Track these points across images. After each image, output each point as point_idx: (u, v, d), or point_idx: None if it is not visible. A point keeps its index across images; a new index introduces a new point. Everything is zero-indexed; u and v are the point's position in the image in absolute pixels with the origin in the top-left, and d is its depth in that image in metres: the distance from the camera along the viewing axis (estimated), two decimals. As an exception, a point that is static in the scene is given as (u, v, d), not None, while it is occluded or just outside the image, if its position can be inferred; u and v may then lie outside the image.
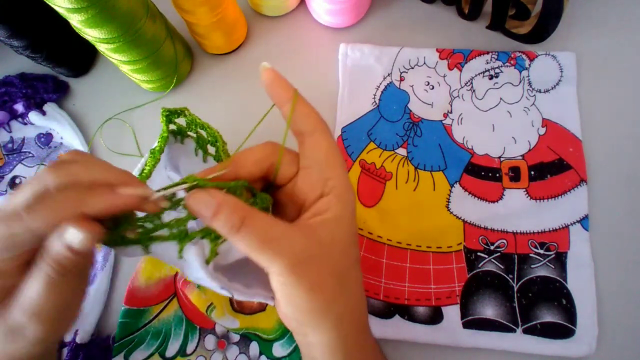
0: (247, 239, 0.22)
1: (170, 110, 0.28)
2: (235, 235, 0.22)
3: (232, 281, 0.25)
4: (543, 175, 0.39)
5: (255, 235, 0.22)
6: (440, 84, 0.43)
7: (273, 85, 0.26)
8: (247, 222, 0.22)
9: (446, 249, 0.38)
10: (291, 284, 0.22)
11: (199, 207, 0.22)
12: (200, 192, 0.22)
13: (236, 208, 0.22)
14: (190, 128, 0.29)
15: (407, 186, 0.40)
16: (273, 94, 0.26)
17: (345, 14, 0.44)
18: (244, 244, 0.22)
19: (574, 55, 0.42)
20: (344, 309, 0.24)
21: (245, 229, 0.22)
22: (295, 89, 0.26)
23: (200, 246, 0.23)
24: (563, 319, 0.35)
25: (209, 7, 0.39)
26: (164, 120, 0.28)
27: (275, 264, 0.22)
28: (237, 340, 0.38)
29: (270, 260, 0.22)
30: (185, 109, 0.28)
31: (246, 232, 0.22)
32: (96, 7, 0.32)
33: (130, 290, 0.38)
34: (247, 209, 0.22)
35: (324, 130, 0.25)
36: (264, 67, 0.26)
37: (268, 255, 0.22)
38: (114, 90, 0.47)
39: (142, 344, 0.37)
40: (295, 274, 0.22)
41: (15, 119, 0.46)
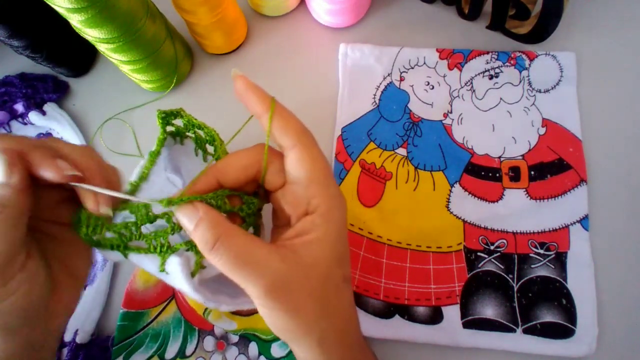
0: (221, 258, 0.21)
1: (165, 112, 0.27)
2: (208, 252, 0.21)
3: (216, 294, 0.24)
4: (543, 175, 0.39)
5: (229, 255, 0.21)
6: (440, 84, 0.43)
7: (247, 95, 0.24)
8: (223, 241, 0.21)
9: (446, 249, 0.38)
10: (267, 306, 0.22)
11: (182, 219, 0.22)
12: (186, 204, 0.22)
13: (214, 224, 0.21)
14: (188, 128, 0.29)
15: (407, 186, 0.40)
16: (248, 105, 0.24)
17: (345, 14, 0.44)
18: (217, 263, 0.21)
19: (574, 55, 0.42)
20: (327, 330, 0.23)
21: (220, 248, 0.21)
22: (272, 97, 0.24)
23: (185, 258, 0.22)
24: (563, 319, 0.35)
25: (209, 7, 0.39)
26: (160, 122, 0.28)
27: (250, 287, 0.21)
28: (236, 341, 0.38)
29: (245, 282, 0.21)
30: (181, 109, 0.28)
31: (220, 251, 0.21)
32: (96, 7, 0.32)
33: (129, 293, 0.38)
34: (225, 227, 0.22)
35: (305, 144, 0.24)
36: (234, 73, 0.24)
37: (242, 277, 0.21)
38: (114, 90, 0.47)
39: (141, 347, 0.37)
40: (271, 298, 0.21)
41: (15, 119, 0.46)
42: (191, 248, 0.23)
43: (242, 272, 0.21)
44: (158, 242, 0.23)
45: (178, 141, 0.31)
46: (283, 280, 0.22)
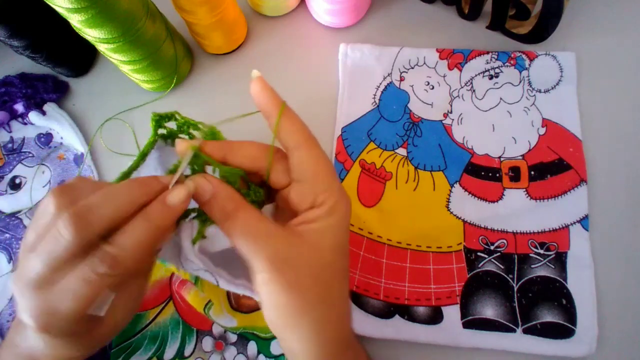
0: (235, 228, 0.23)
1: (160, 115, 0.28)
2: (224, 222, 0.23)
3: (217, 266, 0.26)
4: (543, 175, 0.39)
5: (242, 226, 0.23)
6: (440, 84, 0.43)
7: (261, 95, 0.25)
8: (238, 213, 0.23)
9: (446, 249, 0.38)
10: (271, 280, 0.22)
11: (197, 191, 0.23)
12: (199, 177, 0.23)
13: (230, 197, 0.23)
14: (182, 130, 0.29)
15: (407, 186, 0.40)
16: (260, 104, 0.25)
17: (345, 14, 0.44)
18: (231, 232, 0.23)
19: (574, 55, 0.42)
20: (323, 316, 0.24)
21: (235, 219, 0.23)
22: (283, 101, 0.25)
23: (189, 224, 0.24)
24: (563, 319, 0.35)
25: (209, 7, 0.39)
26: (153, 125, 0.28)
27: (257, 258, 0.22)
28: (234, 340, 0.38)
29: (253, 252, 0.22)
30: (176, 112, 0.28)
31: (235, 222, 0.23)
32: (96, 7, 0.32)
33: None
34: (239, 200, 0.23)
35: (310, 145, 0.25)
36: (254, 74, 0.26)
37: (251, 247, 0.22)
38: (114, 90, 0.47)
39: (140, 349, 0.37)
40: (276, 270, 0.22)
41: (15, 119, 0.46)
42: (198, 216, 0.24)
43: (252, 243, 0.23)
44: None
45: (169, 143, 0.31)
46: (287, 256, 0.23)
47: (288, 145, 0.25)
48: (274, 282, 0.22)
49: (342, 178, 0.41)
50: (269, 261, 0.22)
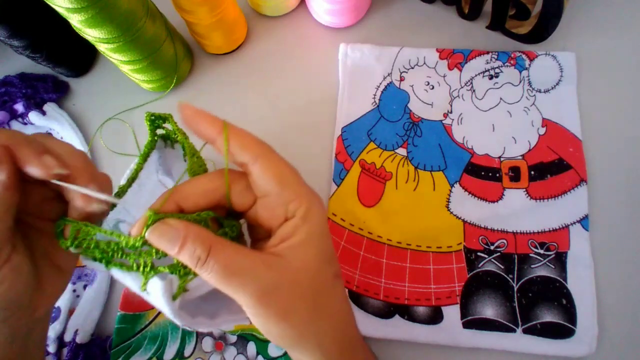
0: (212, 271, 0.21)
1: (154, 115, 0.27)
2: (201, 268, 0.21)
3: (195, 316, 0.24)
4: (543, 175, 0.39)
5: (220, 267, 0.21)
6: (440, 84, 0.43)
7: (195, 121, 0.23)
8: (213, 254, 0.21)
9: (446, 248, 0.38)
10: (260, 315, 0.22)
11: (162, 243, 0.21)
12: (161, 225, 0.21)
13: (201, 239, 0.21)
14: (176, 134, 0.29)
15: (407, 186, 0.40)
16: (197, 132, 0.23)
17: (345, 14, 0.44)
18: (210, 277, 0.21)
19: (574, 55, 0.42)
20: (324, 330, 0.24)
21: (211, 261, 0.21)
22: (223, 120, 0.23)
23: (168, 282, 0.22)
24: (563, 319, 0.35)
25: (209, 7, 0.39)
26: (148, 125, 0.27)
27: (242, 296, 0.21)
28: (234, 341, 0.38)
29: (237, 292, 0.21)
30: (170, 115, 0.27)
31: (211, 265, 0.21)
32: (96, 7, 0.32)
33: (125, 296, 0.38)
34: (212, 239, 0.21)
35: (267, 155, 0.23)
36: (179, 104, 0.23)
37: (234, 287, 0.21)
38: (114, 90, 0.47)
39: (140, 349, 0.37)
40: (263, 305, 0.21)
41: (15, 119, 0.46)
42: (175, 271, 0.22)
43: (232, 282, 0.21)
44: (142, 262, 0.22)
45: (169, 145, 0.31)
46: (272, 286, 0.22)
47: (244, 161, 0.23)
48: (264, 316, 0.22)
49: (342, 178, 0.41)
50: (254, 297, 0.21)
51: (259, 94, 0.46)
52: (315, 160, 0.43)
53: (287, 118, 0.44)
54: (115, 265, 0.23)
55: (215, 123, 0.23)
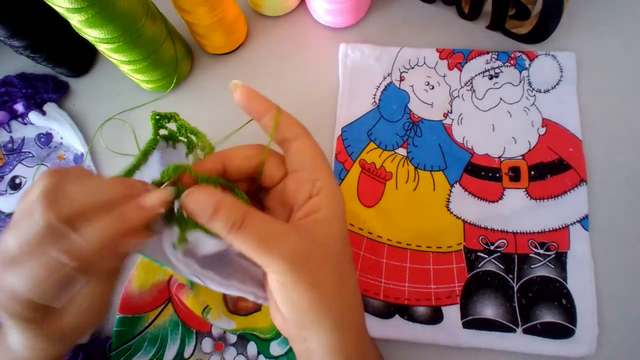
0: (247, 238, 0.22)
1: (160, 114, 0.28)
2: (235, 233, 0.22)
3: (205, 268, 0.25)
4: (543, 175, 0.39)
5: (254, 234, 0.22)
6: (440, 84, 0.43)
7: (249, 100, 0.25)
8: (247, 221, 0.22)
9: (446, 248, 0.38)
10: (291, 282, 0.22)
11: (197, 208, 0.22)
12: (197, 192, 0.22)
13: (236, 207, 0.22)
14: (181, 133, 0.29)
15: (407, 186, 0.40)
16: (250, 108, 0.25)
17: (345, 14, 0.44)
18: (243, 243, 0.22)
19: (574, 55, 0.42)
20: (344, 308, 0.24)
21: (245, 228, 0.22)
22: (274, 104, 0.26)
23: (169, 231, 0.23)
24: (563, 319, 0.35)
25: (209, 7, 0.39)
26: (153, 124, 0.28)
27: (274, 263, 0.22)
28: (234, 341, 0.38)
29: (269, 259, 0.22)
30: (175, 114, 0.28)
31: (246, 231, 0.22)
32: (96, 7, 0.32)
33: (124, 298, 0.38)
34: (246, 207, 0.22)
35: (307, 136, 0.26)
36: (235, 84, 0.25)
37: (266, 254, 0.22)
38: (114, 90, 0.47)
39: (140, 351, 0.37)
40: (295, 272, 0.22)
41: (15, 119, 0.46)
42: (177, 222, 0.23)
43: (266, 250, 0.22)
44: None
45: (170, 145, 0.31)
46: (304, 254, 0.22)
47: (286, 137, 0.25)
48: (294, 282, 0.22)
49: (342, 178, 0.41)
50: (288, 262, 0.22)
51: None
52: (315, 160, 0.42)
53: (287, 118, 0.44)
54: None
55: (265, 102, 0.25)
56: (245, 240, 0.22)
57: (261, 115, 0.25)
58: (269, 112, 0.25)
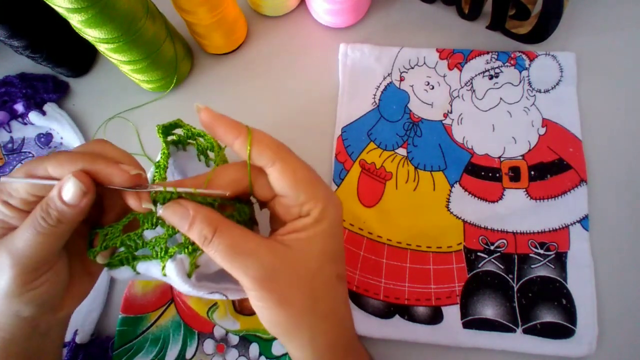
0: (216, 252, 0.22)
1: (165, 126, 0.28)
2: (207, 246, 0.22)
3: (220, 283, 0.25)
4: (543, 175, 0.39)
5: (225, 247, 0.22)
6: (440, 84, 0.43)
7: (215, 125, 0.24)
8: (219, 234, 0.22)
9: (446, 249, 0.38)
10: (258, 297, 0.23)
11: (174, 219, 0.22)
12: (174, 204, 0.23)
13: (208, 219, 0.22)
14: (189, 137, 0.30)
15: (407, 186, 0.40)
16: (216, 136, 0.24)
17: (345, 14, 0.44)
18: (214, 257, 0.22)
19: (574, 55, 0.42)
20: (318, 327, 0.24)
21: (216, 240, 0.22)
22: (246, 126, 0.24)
23: (179, 262, 0.23)
24: (563, 319, 0.35)
25: (209, 7, 0.39)
26: (161, 137, 0.28)
27: (243, 277, 0.22)
28: (236, 343, 0.38)
29: (238, 273, 0.22)
30: (179, 120, 0.28)
31: (217, 244, 0.22)
32: (96, 7, 0.32)
33: (127, 298, 0.38)
34: (219, 220, 0.23)
35: (283, 158, 0.24)
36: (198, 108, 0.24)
37: (236, 267, 0.22)
38: (114, 90, 0.47)
39: (141, 351, 0.37)
40: (262, 288, 0.22)
41: (15, 119, 0.46)
42: (183, 250, 0.23)
43: (235, 263, 0.22)
44: (158, 247, 0.24)
45: (181, 148, 0.31)
46: (272, 271, 0.22)
47: (263, 164, 0.24)
48: (263, 299, 0.23)
49: (342, 178, 0.41)
50: (255, 279, 0.22)
51: (259, 94, 0.46)
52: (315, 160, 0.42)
53: (287, 118, 0.44)
54: (138, 259, 0.24)
55: (233, 127, 0.24)
56: (214, 254, 0.22)
57: (232, 141, 0.24)
58: (239, 137, 0.24)
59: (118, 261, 0.24)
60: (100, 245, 0.24)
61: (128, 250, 0.24)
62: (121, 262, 0.24)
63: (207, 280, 0.25)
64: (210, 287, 0.24)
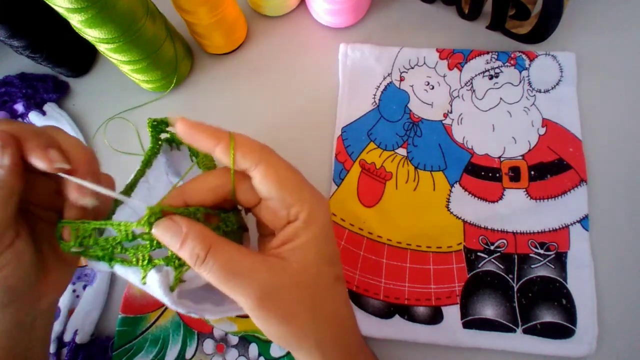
0: (211, 271, 0.21)
1: (155, 120, 0.27)
2: (199, 267, 0.21)
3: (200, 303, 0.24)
4: (543, 175, 0.39)
5: (219, 267, 0.21)
6: (440, 84, 0.43)
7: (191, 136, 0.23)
8: (212, 254, 0.21)
9: (446, 249, 0.38)
10: (260, 317, 0.22)
11: (166, 237, 0.21)
12: (165, 222, 0.21)
13: (202, 237, 0.21)
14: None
15: (407, 186, 0.40)
16: (196, 143, 0.23)
17: (345, 14, 0.44)
18: (208, 278, 0.21)
19: (574, 55, 0.42)
20: (323, 331, 0.24)
21: (210, 261, 0.21)
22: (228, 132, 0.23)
23: (165, 273, 0.22)
24: (563, 319, 0.35)
25: (209, 7, 0.39)
26: (150, 130, 0.27)
27: (241, 298, 0.21)
28: (235, 343, 0.38)
29: (236, 294, 0.21)
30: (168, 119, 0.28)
31: (211, 264, 0.21)
32: (96, 7, 0.32)
33: (127, 298, 0.39)
34: (213, 239, 0.22)
35: (266, 159, 0.23)
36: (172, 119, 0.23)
37: (232, 289, 0.21)
38: (114, 90, 0.47)
39: (141, 352, 0.37)
40: (262, 308, 0.22)
41: (15, 119, 0.46)
42: (170, 263, 0.23)
43: (231, 284, 0.21)
44: (140, 255, 0.23)
45: (175, 147, 0.31)
46: (272, 289, 0.22)
47: (246, 167, 0.23)
48: (264, 317, 0.22)
49: (342, 178, 0.41)
50: (254, 300, 0.21)
51: (259, 94, 0.46)
52: (315, 160, 0.43)
53: (287, 118, 0.44)
54: (117, 261, 0.23)
55: (212, 135, 0.23)
56: (209, 275, 0.21)
57: (212, 148, 0.23)
58: (219, 143, 0.23)
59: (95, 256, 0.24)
60: (74, 241, 0.23)
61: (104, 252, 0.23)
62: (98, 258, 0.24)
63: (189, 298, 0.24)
64: (189, 307, 0.24)
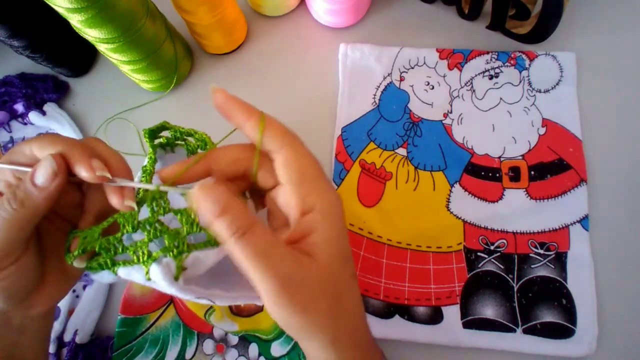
0: (246, 248, 0.21)
1: (151, 129, 0.27)
2: (237, 240, 0.21)
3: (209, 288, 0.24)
4: (543, 175, 0.39)
5: (255, 246, 0.21)
6: (440, 84, 0.43)
7: (228, 105, 0.23)
8: (251, 232, 0.21)
9: (446, 248, 0.38)
10: (280, 304, 0.22)
11: (206, 203, 0.21)
12: (210, 188, 0.21)
13: (245, 213, 0.21)
14: (177, 138, 0.29)
15: (407, 186, 0.40)
16: (229, 115, 0.24)
17: (345, 14, 0.44)
18: (242, 252, 0.21)
19: (574, 55, 0.42)
20: (339, 328, 0.24)
21: (248, 238, 0.21)
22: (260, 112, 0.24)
23: (165, 265, 0.22)
24: (563, 319, 0.35)
25: (209, 7, 0.39)
26: (148, 141, 0.28)
27: (265, 280, 0.21)
28: (235, 343, 0.38)
29: (262, 277, 0.21)
30: (165, 123, 0.28)
31: (247, 241, 0.21)
32: (96, 7, 0.32)
33: (126, 299, 0.39)
34: (254, 219, 0.22)
35: (293, 145, 0.23)
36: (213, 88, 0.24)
37: (261, 270, 0.21)
38: (114, 90, 0.47)
39: (141, 352, 0.37)
40: (285, 295, 0.21)
41: (15, 119, 0.46)
42: (168, 253, 0.23)
43: (261, 264, 0.21)
44: (140, 251, 0.23)
45: (169, 151, 0.31)
46: (300, 280, 0.22)
47: (271, 149, 0.24)
48: (284, 305, 0.22)
49: (342, 178, 0.41)
50: (277, 284, 0.21)
51: (259, 93, 0.46)
52: (315, 160, 0.42)
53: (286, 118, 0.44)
54: (119, 264, 0.23)
55: (246, 109, 0.24)
56: (244, 249, 0.21)
57: (243, 122, 0.24)
58: (250, 119, 0.23)
59: (97, 265, 0.24)
60: (78, 249, 0.23)
61: (107, 255, 0.23)
62: (101, 267, 0.24)
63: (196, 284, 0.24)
64: (198, 292, 0.24)
